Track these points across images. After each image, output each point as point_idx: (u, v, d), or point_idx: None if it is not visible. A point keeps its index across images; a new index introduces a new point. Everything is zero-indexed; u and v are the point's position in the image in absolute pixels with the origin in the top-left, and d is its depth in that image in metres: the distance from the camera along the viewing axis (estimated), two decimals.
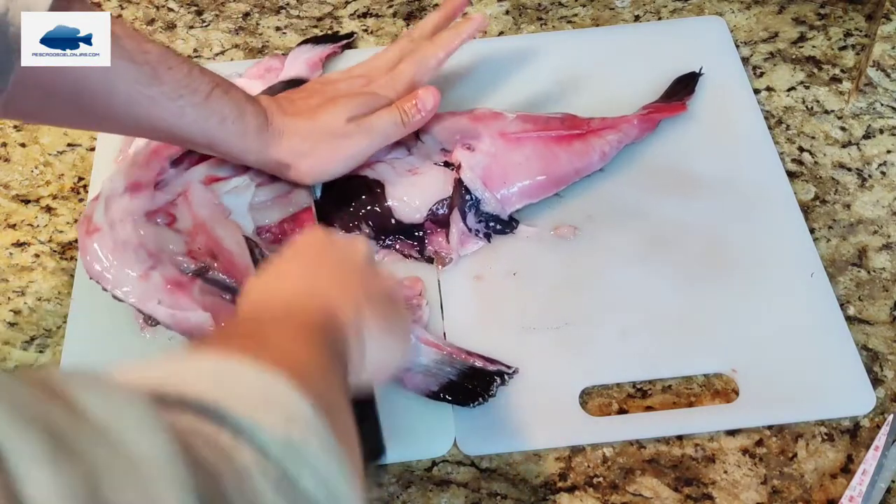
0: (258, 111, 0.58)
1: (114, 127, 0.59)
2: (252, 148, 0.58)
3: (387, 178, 0.62)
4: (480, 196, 0.62)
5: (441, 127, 0.66)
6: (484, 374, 0.56)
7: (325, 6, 0.81)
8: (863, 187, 0.66)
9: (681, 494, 0.53)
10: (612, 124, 0.66)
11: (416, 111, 0.61)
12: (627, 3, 0.79)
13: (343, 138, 0.60)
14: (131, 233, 0.58)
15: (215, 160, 0.63)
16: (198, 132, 0.55)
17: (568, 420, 0.55)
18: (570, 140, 0.65)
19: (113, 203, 0.60)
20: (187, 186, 0.61)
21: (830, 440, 0.55)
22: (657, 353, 0.58)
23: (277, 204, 0.62)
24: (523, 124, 0.65)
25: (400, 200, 0.62)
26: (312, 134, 0.59)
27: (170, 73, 0.53)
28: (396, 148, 0.64)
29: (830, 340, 0.58)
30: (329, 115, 0.60)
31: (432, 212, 0.62)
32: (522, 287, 0.61)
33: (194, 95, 0.54)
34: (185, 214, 0.60)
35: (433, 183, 0.63)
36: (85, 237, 0.58)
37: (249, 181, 0.62)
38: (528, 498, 0.53)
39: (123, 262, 0.57)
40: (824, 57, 0.74)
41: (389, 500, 0.54)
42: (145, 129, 0.56)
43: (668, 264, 0.62)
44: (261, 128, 0.58)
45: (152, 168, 0.62)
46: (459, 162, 0.63)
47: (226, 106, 0.56)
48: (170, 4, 0.82)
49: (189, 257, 0.59)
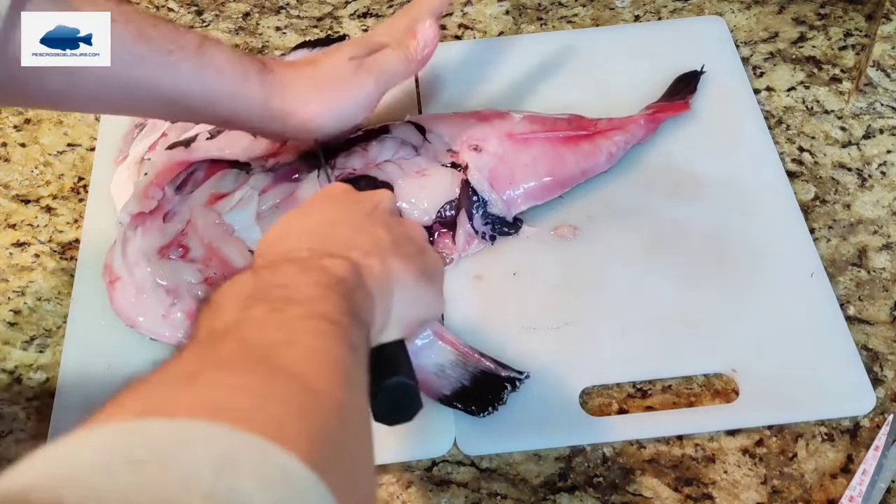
0: (254, 59, 0.56)
1: (110, 99, 0.54)
2: (256, 98, 0.55)
3: (395, 179, 0.62)
4: (487, 198, 0.62)
5: (448, 127, 0.66)
6: (495, 380, 0.55)
7: (325, 6, 0.81)
8: (863, 187, 0.66)
9: (681, 494, 0.53)
10: (619, 125, 0.66)
11: (418, 46, 0.59)
12: (627, 3, 0.79)
13: (348, 79, 0.57)
14: (147, 275, 0.59)
15: (218, 176, 0.63)
16: (196, 87, 0.53)
17: (568, 420, 0.55)
18: (578, 141, 0.65)
19: (128, 246, 0.60)
20: (192, 218, 0.61)
21: (830, 440, 0.55)
22: (657, 353, 0.58)
23: (284, 207, 0.62)
24: (531, 125, 0.65)
25: (408, 202, 0.62)
26: (316, 78, 0.57)
27: (155, 30, 0.51)
28: (403, 148, 0.64)
29: (830, 340, 0.58)
30: (330, 59, 0.58)
31: (440, 213, 0.62)
32: (523, 287, 0.61)
33: (185, 50, 0.51)
34: (196, 242, 0.60)
35: (441, 184, 0.62)
36: (109, 287, 0.59)
37: (252, 191, 0.62)
38: (528, 498, 0.53)
39: (146, 309, 0.58)
40: (824, 57, 0.74)
41: (389, 500, 0.54)
42: (142, 98, 0.53)
43: (668, 264, 0.62)
44: (261, 72, 0.55)
45: (153, 196, 0.62)
46: (466, 163, 0.63)
47: (219, 54, 0.53)
48: (170, 4, 0.82)
49: (206, 285, 0.59)
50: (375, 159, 0.63)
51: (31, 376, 0.60)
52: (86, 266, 0.63)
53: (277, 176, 0.63)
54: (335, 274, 0.37)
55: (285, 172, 0.63)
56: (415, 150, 0.64)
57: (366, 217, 0.44)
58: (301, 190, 0.62)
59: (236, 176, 0.63)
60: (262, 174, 0.63)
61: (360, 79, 0.58)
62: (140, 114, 0.58)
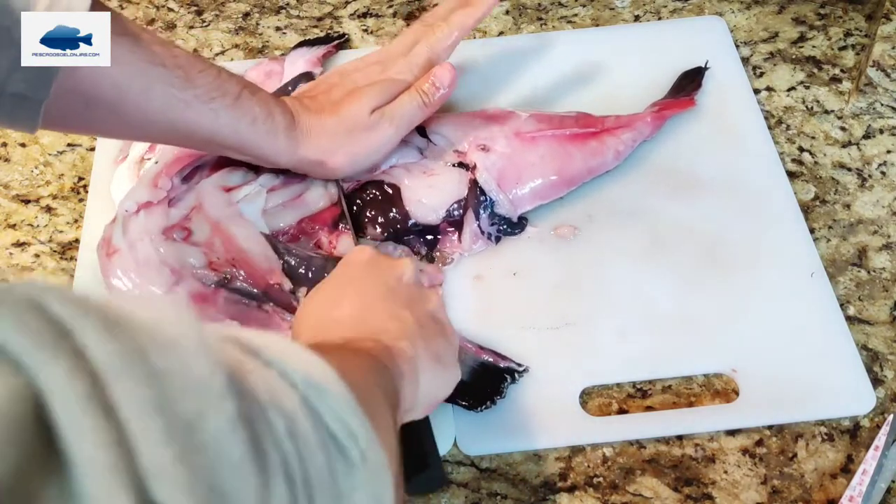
0: (285, 110, 0.58)
1: (150, 134, 0.58)
2: (282, 148, 0.58)
3: (403, 181, 0.62)
4: (495, 198, 0.62)
5: (453, 127, 0.65)
6: (494, 372, 0.56)
7: (325, 6, 0.81)
8: (863, 187, 0.66)
9: (681, 494, 0.53)
10: (626, 122, 0.66)
11: (435, 89, 0.61)
12: (627, 3, 0.79)
13: (370, 130, 0.60)
14: (151, 251, 0.58)
15: (226, 170, 0.63)
16: (230, 134, 0.56)
17: (568, 420, 0.55)
18: (586, 139, 0.65)
19: (130, 223, 0.60)
20: (200, 199, 0.61)
21: (830, 440, 0.55)
22: (657, 353, 0.58)
23: (291, 207, 0.62)
24: (538, 124, 0.65)
25: (417, 203, 0.62)
26: (339, 130, 0.60)
27: (201, 77, 0.53)
28: (407, 150, 0.64)
29: (830, 340, 0.58)
30: (352, 108, 0.60)
31: (448, 213, 0.62)
32: (522, 287, 0.61)
33: (225, 97, 0.54)
34: (200, 225, 0.60)
35: (449, 184, 0.62)
36: (105, 259, 0.59)
37: (260, 188, 0.62)
38: (528, 498, 0.53)
39: (147, 281, 0.58)
40: (824, 57, 0.74)
41: None
42: (181, 136, 0.56)
43: (668, 264, 0.62)
44: (289, 127, 0.58)
45: (161, 186, 0.62)
46: (475, 163, 0.63)
47: (255, 106, 0.56)
48: (170, 4, 0.82)
49: (210, 269, 0.59)
50: (382, 165, 0.63)
51: None
52: (85, 266, 0.63)
53: (287, 177, 0.63)
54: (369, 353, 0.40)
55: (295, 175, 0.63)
56: (420, 153, 0.64)
57: (390, 294, 0.47)
58: (309, 193, 0.62)
59: (244, 174, 0.63)
60: (272, 174, 0.63)
61: (382, 130, 0.60)
62: (174, 144, 0.61)
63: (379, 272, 0.49)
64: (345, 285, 0.48)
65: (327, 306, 0.46)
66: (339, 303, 0.46)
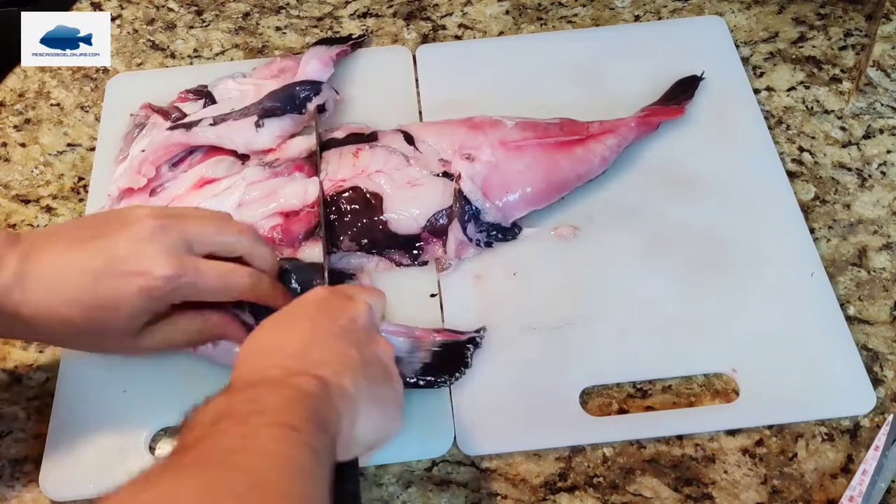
0: None
1: None
2: None
3: (385, 190, 0.62)
4: (480, 207, 0.62)
5: (439, 136, 0.65)
6: (456, 347, 0.57)
7: (325, 6, 0.81)
8: (863, 187, 0.66)
9: (681, 494, 0.53)
10: (610, 128, 0.66)
11: None
12: (627, 3, 0.79)
13: None
14: None
15: (213, 160, 0.63)
16: None
17: (568, 420, 0.55)
18: (571, 146, 0.65)
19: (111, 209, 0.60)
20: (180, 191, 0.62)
21: (830, 440, 0.55)
22: (657, 353, 0.58)
23: (263, 202, 0.62)
24: (523, 132, 0.65)
25: (398, 213, 0.62)
26: None
27: None
28: (394, 157, 0.64)
29: (830, 340, 0.58)
30: None
31: (430, 223, 0.62)
32: (522, 287, 0.61)
33: None
34: None
35: (432, 194, 0.62)
36: None
37: (241, 181, 0.63)
38: (528, 498, 0.53)
39: None
40: (824, 57, 0.74)
41: (389, 500, 0.54)
42: None
43: (669, 264, 0.62)
44: None
45: (145, 174, 0.63)
46: (459, 172, 0.62)
47: None
48: (170, 4, 0.82)
49: None
50: (366, 169, 0.63)
51: (31, 376, 0.60)
52: None
53: (272, 172, 0.64)
54: (303, 389, 0.40)
55: (282, 170, 0.64)
56: (406, 160, 0.64)
57: (341, 333, 0.46)
58: (285, 189, 0.62)
59: (231, 164, 0.64)
60: (258, 168, 0.64)
61: None
62: None
63: (333, 311, 0.48)
64: (297, 320, 0.47)
65: (276, 336, 0.46)
66: (287, 335, 0.46)
